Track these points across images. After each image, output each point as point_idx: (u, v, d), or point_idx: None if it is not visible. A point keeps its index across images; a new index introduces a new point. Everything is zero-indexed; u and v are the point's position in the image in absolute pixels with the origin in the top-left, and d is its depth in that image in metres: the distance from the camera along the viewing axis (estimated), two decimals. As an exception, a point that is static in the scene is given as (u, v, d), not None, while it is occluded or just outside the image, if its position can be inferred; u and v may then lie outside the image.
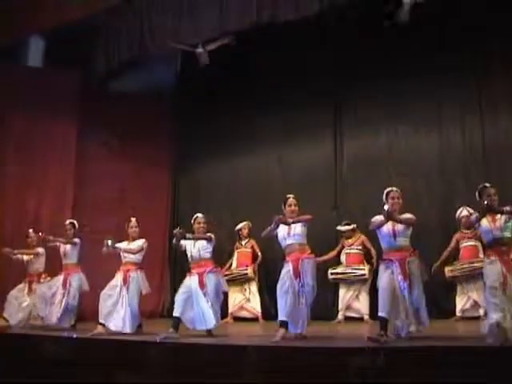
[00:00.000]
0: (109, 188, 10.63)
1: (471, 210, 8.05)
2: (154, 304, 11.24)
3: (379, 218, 6.36)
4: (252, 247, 10.08)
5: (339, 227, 9.49)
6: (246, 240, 10.19)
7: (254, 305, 9.92)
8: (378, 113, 9.94)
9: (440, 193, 9.27)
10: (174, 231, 7.38)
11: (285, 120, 10.72)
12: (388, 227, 6.36)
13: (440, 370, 4.11)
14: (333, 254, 9.46)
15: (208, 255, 7.49)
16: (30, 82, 10.57)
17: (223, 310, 10.04)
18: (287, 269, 6.71)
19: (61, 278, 8.58)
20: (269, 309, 10.28)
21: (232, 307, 9.97)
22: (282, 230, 6.94)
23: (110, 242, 7.53)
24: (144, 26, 9.38)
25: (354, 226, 9.37)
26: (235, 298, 9.98)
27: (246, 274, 9.83)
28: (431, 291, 9.02)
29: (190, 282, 7.34)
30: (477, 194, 6.14)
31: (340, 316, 9.20)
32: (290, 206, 7.12)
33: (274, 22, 8.23)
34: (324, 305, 9.92)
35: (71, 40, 9.84)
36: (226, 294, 9.98)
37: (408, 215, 6.40)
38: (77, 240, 8.65)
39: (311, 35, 9.25)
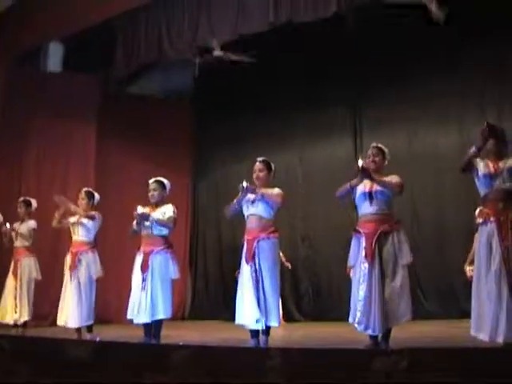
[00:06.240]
0: (129, 192, 10.66)
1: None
2: (176, 307, 11.27)
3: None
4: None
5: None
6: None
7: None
8: (396, 112, 9.91)
9: (462, 191, 9.15)
10: (136, 212, 6.37)
11: (304, 121, 10.73)
12: (364, 187, 5.41)
13: (465, 371, 4.08)
14: None
15: (158, 233, 6.47)
16: (51, 87, 10.67)
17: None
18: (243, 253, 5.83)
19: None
20: (290, 310, 10.32)
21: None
22: (247, 197, 5.92)
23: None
24: (162, 29, 9.42)
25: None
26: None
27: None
28: (453, 292, 9.06)
29: (136, 264, 6.48)
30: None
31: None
32: (255, 171, 6.01)
33: (292, 24, 8.23)
34: (346, 305, 9.92)
35: (90, 44, 9.91)
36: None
37: (392, 177, 5.45)
38: (32, 221, 8.22)
39: (330, 36, 9.22)
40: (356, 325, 5.34)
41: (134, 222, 6.52)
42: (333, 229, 10.13)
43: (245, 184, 5.80)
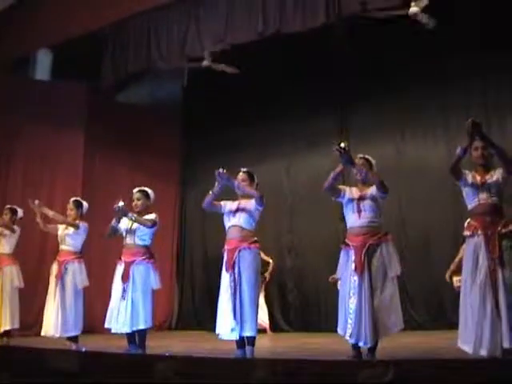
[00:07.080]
0: (116, 201, 10.59)
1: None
2: (162, 317, 11.21)
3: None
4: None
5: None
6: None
7: (262, 316, 9.81)
8: (384, 121, 9.95)
9: (449, 201, 9.18)
10: (116, 205, 6.32)
11: (292, 130, 10.74)
12: (352, 196, 5.50)
13: (451, 383, 4.07)
14: None
15: (140, 242, 6.44)
16: (39, 95, 10.63)
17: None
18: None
19: None
20: (277, 320, 10.29)
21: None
22: (228, 207, 5.97)
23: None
24: (151, 38, 9.41)
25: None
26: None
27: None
28: (441, 303, 9.05)
29: (116, 273, 6.43)
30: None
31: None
32: (238, 181, 6.05)
33: (280, 34, 8.24)
34: (332, 316, 9.90)
35: (79, 52, 9.88)
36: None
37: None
38: (16, 227, 8.12)
39: (316, 45, 9.24)
40: (347, 337, 5.31)
41: (114, 220, 6.49)
42: (319, 239, 10.13)
43: (220, 170, 5.90)
